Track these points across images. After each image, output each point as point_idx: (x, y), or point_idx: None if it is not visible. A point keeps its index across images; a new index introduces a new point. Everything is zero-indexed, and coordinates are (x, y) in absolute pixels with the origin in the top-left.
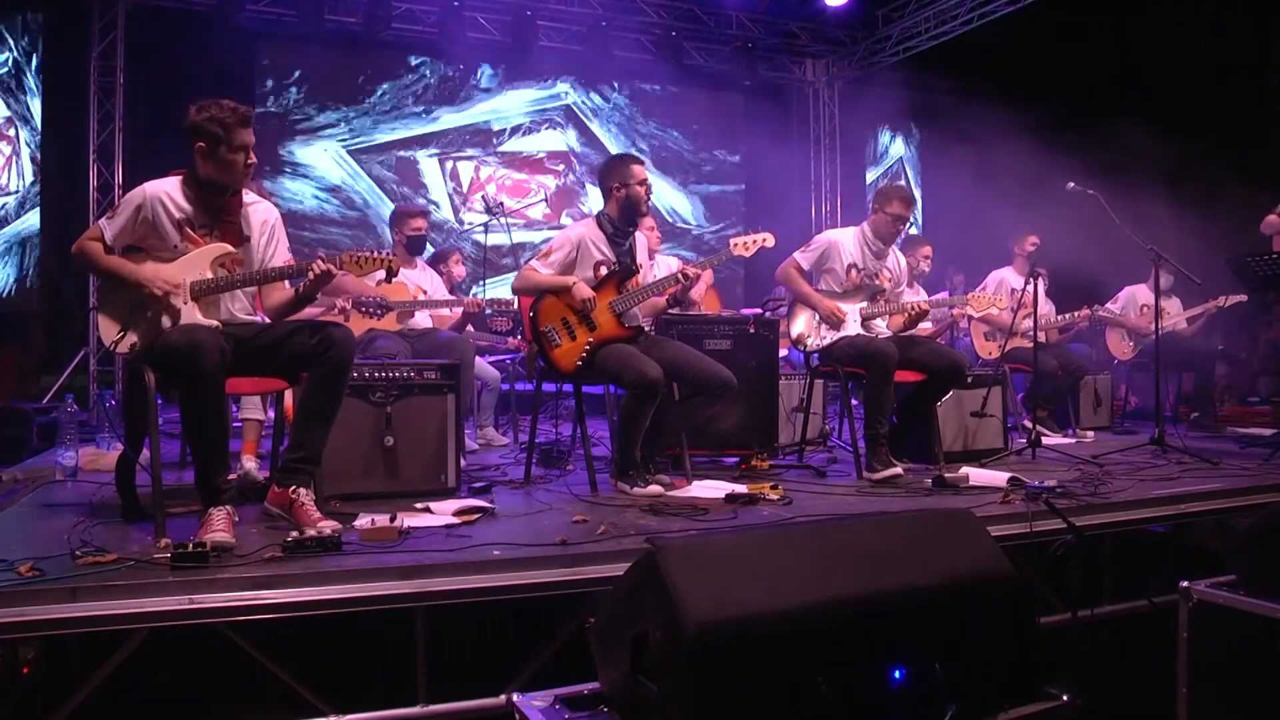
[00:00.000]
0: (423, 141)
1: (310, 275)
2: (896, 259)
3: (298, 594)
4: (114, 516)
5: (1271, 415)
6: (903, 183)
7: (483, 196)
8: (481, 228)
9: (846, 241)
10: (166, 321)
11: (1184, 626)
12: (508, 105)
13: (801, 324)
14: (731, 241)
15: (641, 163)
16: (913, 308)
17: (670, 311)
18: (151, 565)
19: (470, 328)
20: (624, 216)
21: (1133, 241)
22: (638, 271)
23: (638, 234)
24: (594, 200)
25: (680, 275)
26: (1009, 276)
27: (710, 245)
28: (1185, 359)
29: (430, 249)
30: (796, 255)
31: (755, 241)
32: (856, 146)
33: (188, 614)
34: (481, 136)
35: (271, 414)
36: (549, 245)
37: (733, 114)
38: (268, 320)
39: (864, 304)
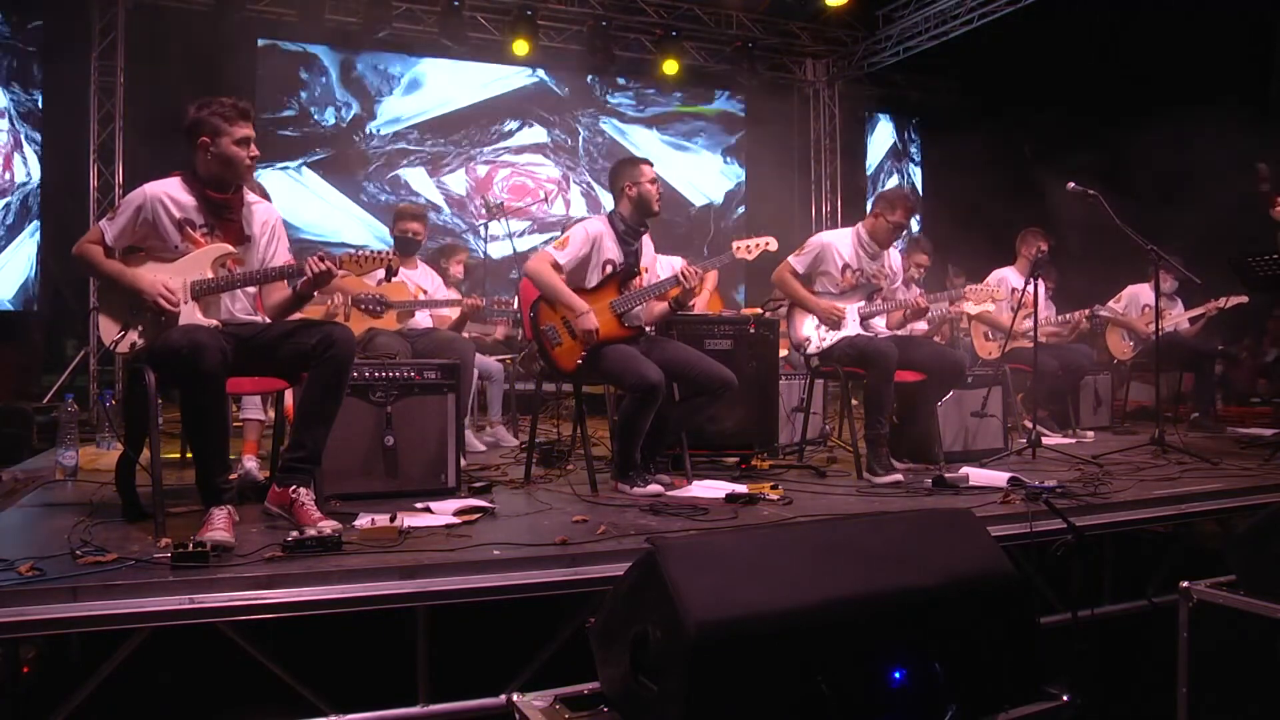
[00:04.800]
0: (422, 139)
1: (308, 274)
2: (891, 261)
3: (298, 594)
4: (114, 516)
5: (1272, 415)
6: (903, 185)
7: (483, 197)
8: (482, 226)
9: (840, 243)
10: (166, 321)
11: (1184, 626)
12: (509, 104)
13: (801, 328)
14: (734, 244)
15: (651, 164)
16: (910, 304)
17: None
18: (151, 565)
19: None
20: (636, 216)
21: (1133, 241)
22: (640, 273)
23: (645, 238)
24: (583, 200)
25: (681, 276)
26: (1010, 276)
27: (710, 245)
28: (1186, 359)
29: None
30: (791, 259)
31: (758, 245)
32: (857, 147)
33: (188, 614)
34: (481, 136)
35: (271, 414)
36: (566, 236)
37: (733, 114)
38: (268, 320)
39: (861, 303)
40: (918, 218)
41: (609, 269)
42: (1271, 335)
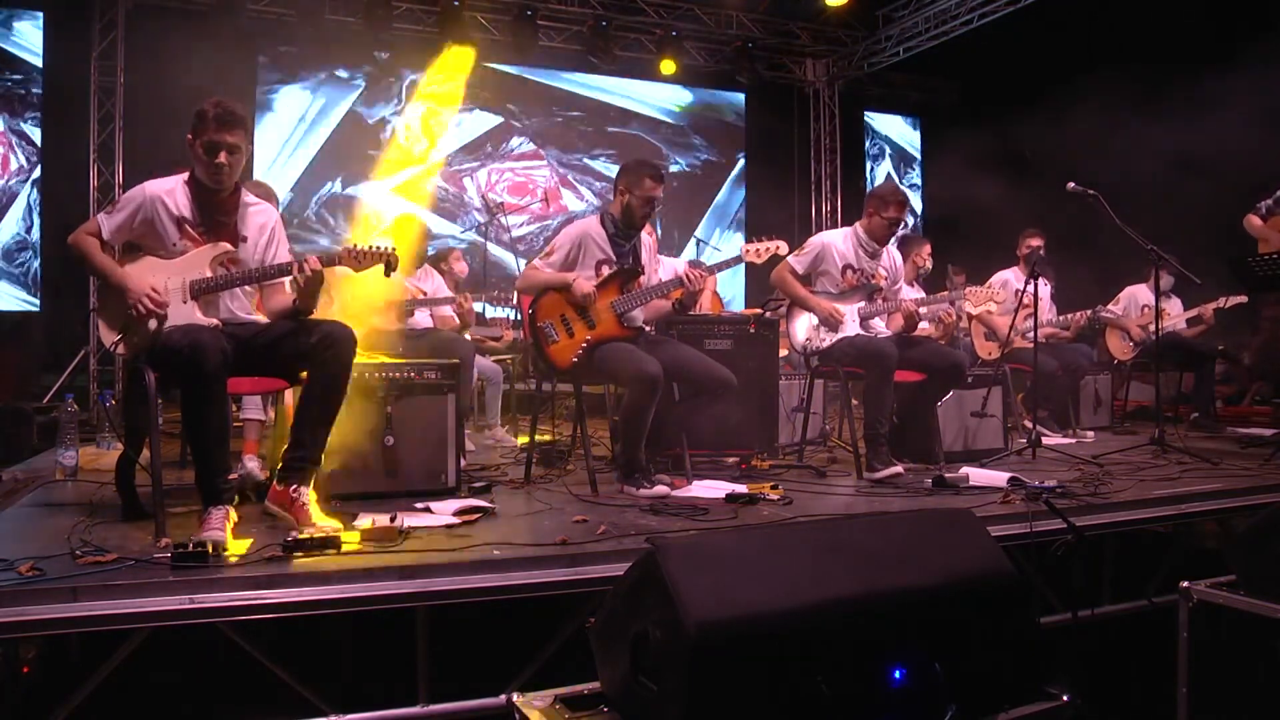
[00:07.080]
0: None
1: (306, 272)
2: (892, 258)
3: (298, 594)
4: (114, 516)
5: (1271, 415)
6: (898, 183)
7: (483, 197)
8: (481, 229)
9: (840, 243)
10: (154, 325)
11: (1184, 626)
12: (509, 105)
13: (800, 327)
14: (744, 248)
15: (659, 179)
16: (908, 307)
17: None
18: (151, 565)
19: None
20: (625, 219)
21: (1133, 241)
22: (641, 273)
23: (643, 235)
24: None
25: (685, 278)
26: (1012, 278)
27: (709, 246)
28: (1186, 359)
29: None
30: (790, 259)
31: (767, 249)
32: (856, 146)
33: (188, 614)
34: (482, 136)
35: (271, 414)
36: (551, 244)
37: (733, 114)
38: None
39: (861, 304)
40: (918, 216)
41: (604, 269)
42: (1264, 335)
